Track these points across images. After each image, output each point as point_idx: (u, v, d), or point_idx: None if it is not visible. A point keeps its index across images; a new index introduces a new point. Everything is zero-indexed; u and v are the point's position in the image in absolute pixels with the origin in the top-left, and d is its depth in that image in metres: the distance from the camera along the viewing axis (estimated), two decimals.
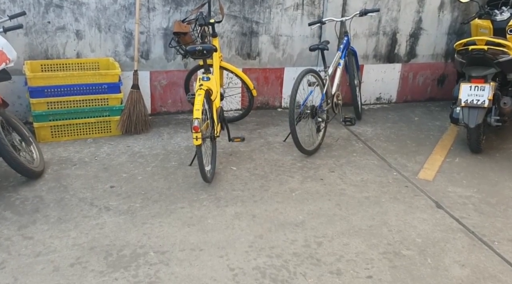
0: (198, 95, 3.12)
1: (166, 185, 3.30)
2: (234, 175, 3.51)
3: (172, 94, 4.66)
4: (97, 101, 3.97)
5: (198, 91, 3.16)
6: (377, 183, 3.51)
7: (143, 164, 3.61)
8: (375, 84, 5.37)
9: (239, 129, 4.48)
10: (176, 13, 4.38)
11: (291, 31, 4.83)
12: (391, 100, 5.54)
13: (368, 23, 5.02)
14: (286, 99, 5.11)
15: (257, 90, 4.85)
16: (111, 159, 3.68)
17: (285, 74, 4.99)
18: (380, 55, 5.25)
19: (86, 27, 4.15)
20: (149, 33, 4.37)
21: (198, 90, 3.18)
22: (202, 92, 3.15)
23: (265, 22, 4.71)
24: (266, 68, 4.90)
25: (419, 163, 3.90)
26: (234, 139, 3.76)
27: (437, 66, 5.53)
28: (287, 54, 4.91)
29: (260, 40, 4.76)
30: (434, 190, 3.43)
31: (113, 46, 4.30)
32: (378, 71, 5.32)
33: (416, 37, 5.29)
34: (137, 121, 4.16)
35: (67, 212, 2.90)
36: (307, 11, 4.80)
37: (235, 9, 4.56)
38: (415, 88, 5.55)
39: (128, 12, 4.23)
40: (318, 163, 3.80)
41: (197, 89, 3.20)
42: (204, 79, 3.36)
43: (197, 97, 3.10)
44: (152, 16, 4.32)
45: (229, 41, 4.66)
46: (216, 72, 3.91)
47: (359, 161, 3.89)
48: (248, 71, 4.81)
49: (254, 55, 4.80)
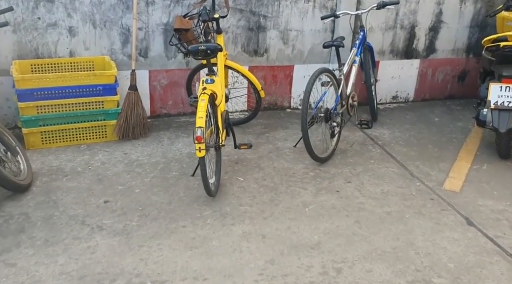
0: (201, 101, 2.83)
1: (166, 199, 3.02)
2: (240, 187, 3.23)
3: (173, 94, 4.38)
4: (91, 104, 3.69)
5: (202, 96, 2.87)
6: (399, 195, 3.21)
7: (141, 174, 3.34)
8: (392, 82, 5.05)
9: (246, 132, 4.20)
10: (177, 7, 4.08)
11: (302, 26, 4.51)
12: (408, 99, 5.22)
13: (384, 16, 4.70)
14: (295, 99, 4.81)
15: (265, 89, 4.56)
16: (106, 168, 3.40)
17: (295, 72, 4.69)
18: (397, 51, 4.93)
19: (80, 23, 3.86)
20: (148, 29, 4.07)
21: (201, 94, 2.89)
22: (205, 97, 2.86)
23: (274, 16, 4.40)
24: (274, 66, 4.60)
25: (444, 171, 3.60)
26: (240, 146, 3.48)
27: (458, 62, 5.20)
28: (297, 50, 4.61)
29: (268, 35, 4.45)
30: (463, 203, 3.13)
31: (109, 44, 4.01)
32: (395, 68, 5.00)
33: (436, 31, 4.96)
34: (135, 125, 3.88)
35: (56, 232, 2.63)
36: (319, 3, 4.48)
37: (241, 2, 4.25)
38: (434, 86, 5.23)
39: (125, 7, 3.93)
40: (333, 172, 3.51)
41: (200, 93, 2.92)
42: (208, 82, 3.07)
43: (200, 103, 2.81)
44: (151, 10, 4.03)
45: (234, 37, 4.35)
46: (220, 72, 3.62)
47: (377, 169, 3.60)
48: (255, 69, 4.52)
49: (261, 51, 4.50)
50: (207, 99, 2.85)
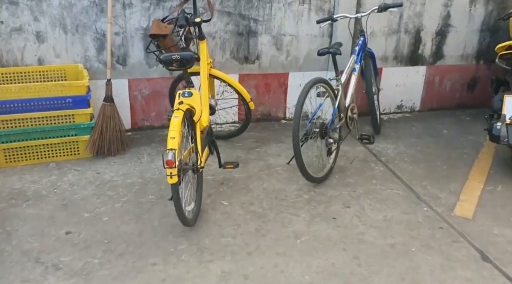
0: (174, 118, 2.48)
1: (137, 230, 2.68)
2: (224, 213, 2.88)
3: (156, 105, 4.04)
4: (61, 118, 3.36)
5: (175, 112, 2.52)
6: (404, 223, 2.86)
7: (112, 198, 2.99)
8: (396, 90, 4.70)
9: (235, 147, 3.85)
10: (157, 9, 3.75)
11: (297, 30, 4.17)
12: (414, 108, 4.87)
13: (387, 20, 4.35)
14: (291, 109, 4.47)
15: (257, 99, 4.23)
16: (74, 191, 3.06)
17: (290, 80, 4.35)
18: (401, 57, 4.59)
19: (49, 27, 3.53)
20: (126, 34, 3.74)
21: (175, 110, 2.55)
22: (180, 114, 2.51)
23: (265, 20, 4.06)
24: (267, 74, 4.26)
25: (454, 193, 3.25)
26: (226, 166, 3.14)
27: (467, 69, 4.85)
28: (292, 57, 4.27)
29: (260, 40, 4.11)
30: (477, 233, 2.77)
31: (82, 50, 3.67)
32: (399, 75, 4.65)
33: (443, 35, 4.61)
34: (111, 141, 3.54)
35: (3, 274, 2.29)
36: (315, 5, 4.14)
37: (229, 4, 3.91)
38: (441, 94, 4.88)
39: (99, 9, 3.60)
40: (330, 195, 3.16)
41: (175, 109, 2.57)
42: (185, 95, 2.73)
43: (173, 121, 2.47)
44: (129, 13, 3.69)
45: (222, 43, 4.01)
46: (204, 82, 3.28)
47: (380, 191, 3.24)
48: (245, 78, 4.18)
49: (252, 58, 4.16)
50: (181, 116, 2.51)
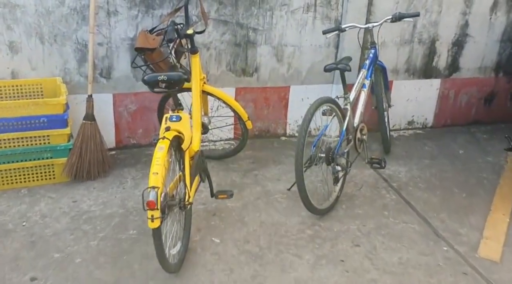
0: (158, 149, 2.15)
1: (113, 277, 2.34)
2: (215, 254, 2.54)
3: (143, 122, 3.71)
4: (34, 139, 3.03)
5: (160, 142, 2.19)
6: (422, 267, 2.52)
7: (88, 234, 2.66)
8: (407, 105, 4.37)
9: (229, 169, 3.52)
10: (146, 18, 3.42)
11: (300, 40, 3.84)
12: (426, 124, 4.54)
13: (399, 29, 4.02)
14: (292, 125, 4.14)
15: (255, 114, 3.91)
16: (45, 224, 2.73)
17: (291, 94, 4.02)
18: (414, 69, 4.25)
19: (23, 37, 3.20)
20: (111, 45, 3.41)
21: (160, 139, 2.21)
22: (165, 144, 2.18)
23: (266, 29, 3.73)
24: (266, 87, 3.93)
25: (476, 228, 2.91)
26: (218, 196, 2.80)
27: (485, 82, 4.52)
28: (293, 69, 3.94)
29: (259, 51, 3.78)
30: (507, 281, 2.43)
31: (61, 62, 3.34)
32: (411, 89, 4.32)
33: (460, 46, 4.28)
34: (91, 163, 3.21)
35: None
36: (320, 13, 3.81)
37: (226, 12, 3.59)
38: (456, 109, 4.55)
39: (80, 17, 3.27)
40: (337, 230, 2.82)
41: (160, 137, 2.24)
42: (173, 119, 2.39)
43: (157, 153, 2.13)
44: (114, 22, 3.36)
45: (217, 54, 3.68)
46: (196, 100, 2.95)
47: (393, 225, 2.91)
48: (243, 91, 3.85)
49: (250, 71, 3.83)
50: (166, 146, 2.17)
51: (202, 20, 3.28)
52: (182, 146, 2.39)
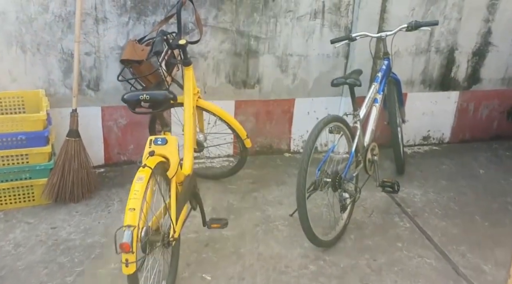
0: (137, 180, 1.88)
1: None
2: None
3: (135, 137, 3.46)
4: (11, 158, 2.79)
5: (140, 172, 1.92)
6: None
7: (63, 268, 2.40)
8: (423, 119, 4.07)
9: (226, 191, 3.25)
10: (137, 25, 3.17)
11: (306, 49, 3.57)
12: (443, 140, 4.23)
13: (415, 37, 3.73)
14: (296, 140, 3.86)
15: (256, 129, 3.65)
16: (18, 256, 2.47)
17: (296, 107, 3.75)
18: (430, 80, 3.96)
19: (3, 46, 2.97)
20: (99, 54, 3.16)
21: (140, 168, 1.94)
22: (146, 173, 1.91)
23: (269, 37, 3.46)
24: (269, 100, 3.66)
25: (502, 264, 2.60)
26: (211, 225, 2.53)
27: (509, 94, 4.21)
28: (299, 80, 3.66)
29: (261, 61, 3.51)
30: None
31: (45, 73, 3.11)
32: (427, 102, 4.02)
33: (481, 56, 3.97)
34: (75, 184, 2.96)
35: None
36: (329, 20, 3.53)
37: (225, 19, 3.32)
38: (476, 124, 4.24)
39: (66, 25, 3.03)
40: (344, 265, 2.54)
41: (142, 165, 1.97)
42: (158, 143, 2.13)
43: (135, 184, 1.86)
44: (103, 30, 3.12)
45: (216, 64, 3.42)
46: (188, 117, 2.68)
47: (407, 259, 2.61)
48: (243, 104, 3.58)
49: (252, 82, 3.56)
50: (147, 177, 1.90)
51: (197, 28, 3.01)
52: (168, 174, 2.12)
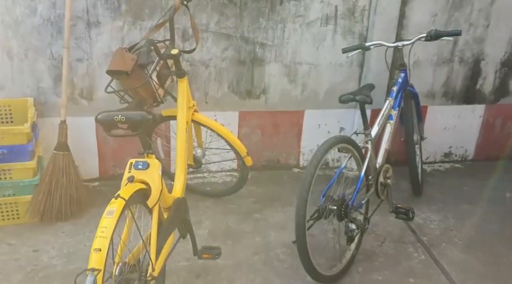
0: (107, 214, 1.66)
1: None
2: None
3: (131, 149, 3.24)
4: None
5: (111, 204, 1.70)
6: None
7: None
8: (444, 134, 3.78)
9: (226, 211, 3.03)
10: (133, 30, 2.97)
11: (317, 57, 3.32)
12: (466, 157, 3.93)
13: (436, 45, 3.44)
14: (306, 155, 3.61)
15: (262, 143, 3.42)
16: None
17: (306, 120, 3.50)
18: (453, 93, 3.66)
19: None
20: (92, 61, 2.97)
21: (112, 200, 1.72)
22: (118, 206, 1.69)
23: (276, 44, 3.22)
24: (276, 111, 3.42)
25: None
26: (202, 255, 2.32)
27: None
28: (309, 91, 3.41)
29: (268, 70, 3.28)
30: None
31: (34, 81, 2.93)
32: (449, 116, 3.73)
33: (511, 66, 3.65)
34: (62, 202, 2.78)
35: None
36: (342, 27, 3.27)
37: (228, 25, 3.09)
38: (503, 140, 3.93)
39: (55, 30, 2.85)
40: None
41: (116, 195, 1.75)
42: (138, 167, 1.91)
43: (104, 219, 1.65)
44: (96, 35, 2.92)
45: (218, 73, 3.20)
46: (181, 133, 2.46)
47: None
48: (247, 116, 3.35)
49: (257, 92, 3.33)
50: (119, 210, 1.68)
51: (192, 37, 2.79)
52: (148, 203, 1.90)
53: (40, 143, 2.88)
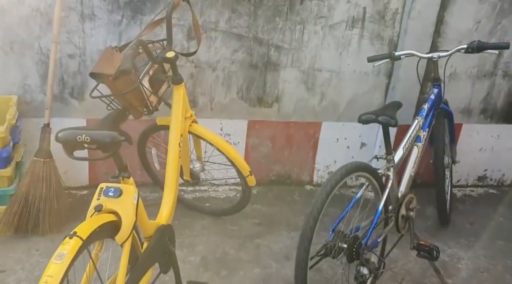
0: (55, 259, 1.37)
1: None
2: None
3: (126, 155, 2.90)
4: None
5: (64, 244, 1.41)
6: None
7: None
8: (480, 156, 3.40)
9: (224, 233, 2.73)
10: (132, 25, 2.69)
11: (339, 64, 2.97)
12: (503, 182, 3.54)
13: (478, 56, 3.03)
14: (321, 171, 3.28)
15: (273, 155, 3.12)
16: None
17: (323, 132, 3.17)
18: (493, 110, 3.27)
19: None
20: (85, 57, 2.70)
21: (65, 240, 1.43)
22: (72, 248, 1.39)
23: (293, 48, 2.88)
24: (289, 122, 3.10)
25: None
26: None
27: None
28: (328, 101, 3.07)
29: (282, 76, 2.95)
30: None
31: (20, 77, 2.68)
32: (487, 135, 3.35)
33: None
34: (41, 214, 2.52)
35: None
36: (370, 31, 2.91)
37: (240, 24, 2.77)
38: None
39: (45, 21, 2.58)
40: None
41: (68, 235, 1.45)
42: (109, 194, 1.62)
43: (51, 266, 1.35)
44: (90, 29, 2.64)
45: (227, 77, 2.88)
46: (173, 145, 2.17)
47: None
48: (257, 125, 3.04)
49: (269, 100, 3.00)
50: (73, 252, 1.38)
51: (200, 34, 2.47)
52: (117, 238, 1.60)
53: (21, 147, 2.62)
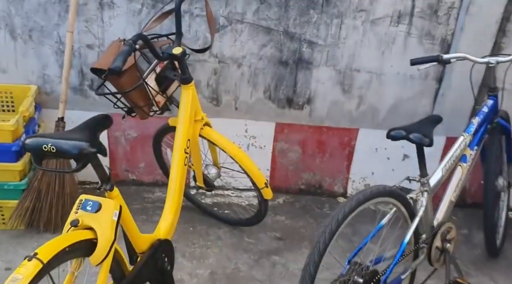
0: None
1: None
2: None
3: (146, 153, 2.87)
4: None
5: (22, 266, 1.28)
6: None
7: None
8: None
9: (239, 246, 2.55)
10: (153, 15, 2.52)
11: (381, 64, 2.67)
12: None
13: None
14: (356, 183, 3.01)
15: (302, 162, 2.90)
16: None
17: (360, 140, 2.89)
18: None
19: None
20: (104, 48, 2.60)
21: (24, 262, 1.30)
22: (30, 271, 1.26)
23: (329, 44, 2.61)
24: (322, 126, 2.84)
25: None
26: None
27: None
28: (367, 105, 2.78)
29: (315, 75, 2.69)
30: None
31: (39, 66, 2.62)
32: None
33: None
34: (53, 210, 2.46)
35: None
36: (419, 28, 2.58)
37: (270, 16, 2.54)
38: None
39: (63, 8, 2.50)
40: None
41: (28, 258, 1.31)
42: (86, 208, 1.49)
43: None
44: (109, 18, 2.52)
45: (253, 74, 2.67)
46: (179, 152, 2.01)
47: None
48: (286, 129, 2.81)
49: (300, 101, 2.76)
50: (31, 277, 1.25)
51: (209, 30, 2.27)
52: (91, 259, 1.46)
53: None
